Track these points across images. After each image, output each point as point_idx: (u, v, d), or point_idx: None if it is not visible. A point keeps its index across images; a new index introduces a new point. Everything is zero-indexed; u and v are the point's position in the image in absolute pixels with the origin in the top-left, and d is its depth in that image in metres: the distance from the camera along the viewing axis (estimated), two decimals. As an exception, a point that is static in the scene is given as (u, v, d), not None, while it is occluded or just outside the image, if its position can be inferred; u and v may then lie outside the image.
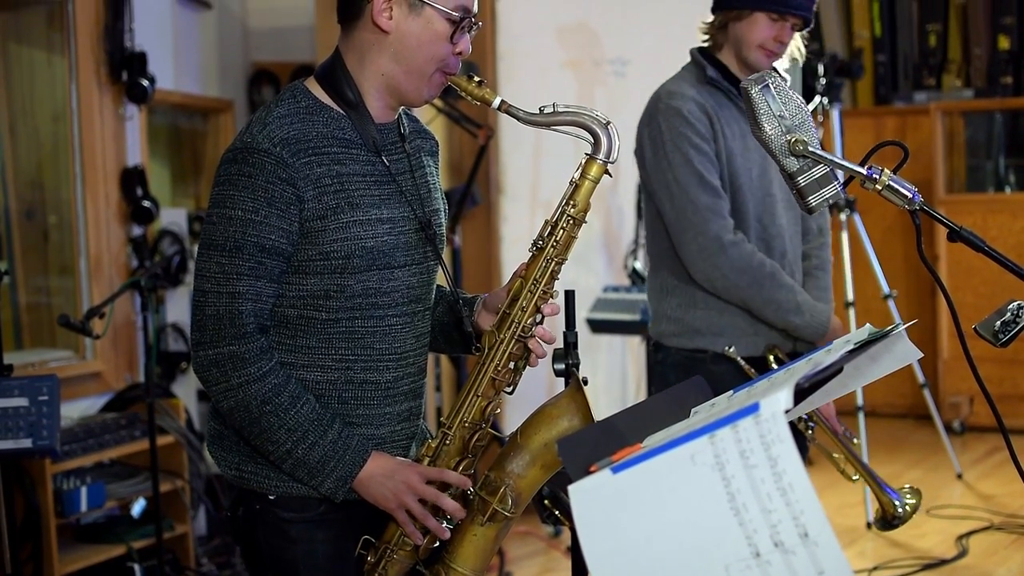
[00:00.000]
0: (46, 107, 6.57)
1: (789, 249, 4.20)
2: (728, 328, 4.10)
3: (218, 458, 2.99)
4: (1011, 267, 2.58)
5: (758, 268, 4.02)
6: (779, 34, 4.10)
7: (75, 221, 6.46)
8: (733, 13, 4.12)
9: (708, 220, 4.00)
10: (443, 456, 2.92)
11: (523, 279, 2.92)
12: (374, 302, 2.88)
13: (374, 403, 2.93)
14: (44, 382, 4.27)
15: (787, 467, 1.83)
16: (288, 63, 8.48)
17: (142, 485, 6.06)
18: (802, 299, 4.08)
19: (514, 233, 7.11)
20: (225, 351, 2.79)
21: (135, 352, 6.61)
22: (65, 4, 6.41)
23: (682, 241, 4.06)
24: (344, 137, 2.88)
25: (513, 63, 7.07)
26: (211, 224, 2.82)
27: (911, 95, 9.45)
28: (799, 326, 4.07)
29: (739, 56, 4.15)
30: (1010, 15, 9.13)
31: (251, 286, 2.79)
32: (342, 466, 2.84)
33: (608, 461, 1.94)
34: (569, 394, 2.86)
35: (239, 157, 2.79)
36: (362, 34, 2.89)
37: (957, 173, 9.38)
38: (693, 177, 4.01)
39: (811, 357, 2.29)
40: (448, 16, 2.84)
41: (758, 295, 4.04)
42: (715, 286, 4.06)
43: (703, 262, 4.03)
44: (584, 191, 2.92)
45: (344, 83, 2.90)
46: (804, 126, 2.59)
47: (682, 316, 4.15)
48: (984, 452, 8.29)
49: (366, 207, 2.85)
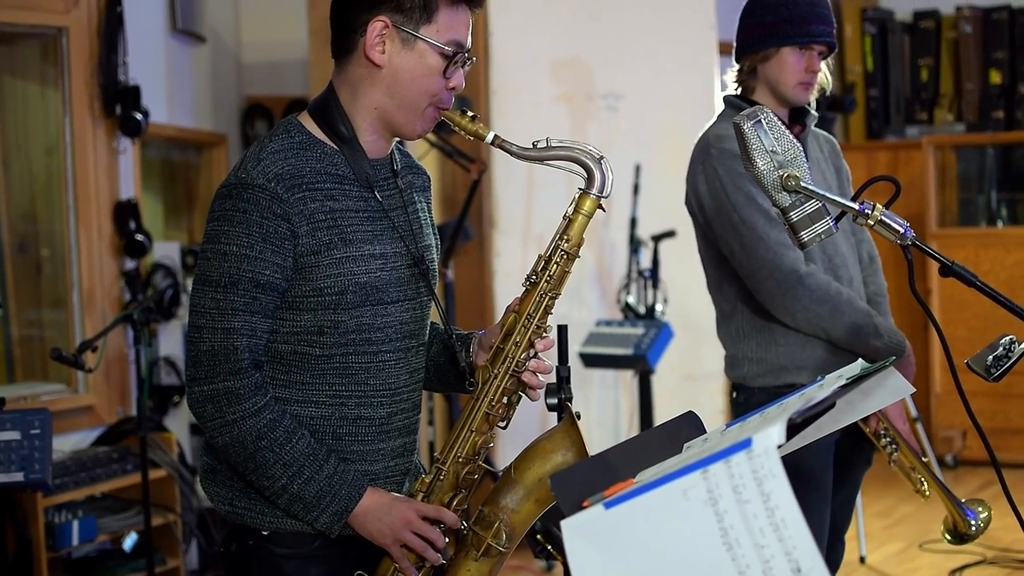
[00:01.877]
0: (39, 140, 6.58)
1: (855, 276, 4.20)
2: (811, 361, 4.07)
3: (211, 493, 2.97)
4: (1003, 302, 2.59)
5: (836, 296, 4.00)
6: (809, 64, 4.10)
7: (68, 254, 6.46)
8: (760, 55, 4.11)
9: (781, 255, 3.97)
10: (437, 491, 2.91)
11: (517, 314, 2.92)
12: (368, 338, 2.88)
13: (368, 439, 2.93)
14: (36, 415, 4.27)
15: (780, 502, 1.83)
16: (282, 97, 8.49)
17: (134, 519, 6.05)
18: (879, 322, 4.07)
19: (507, 267, 7.11)
20: (220, 387, 2.79)
21: (127, 386, 6.60)
22: (59, 37, 6.42)
23: (757, 279, 4.02)
24: (337, 173, 2.88)
25: (506, 97, 7.08)
26: (206, 260, 2.81)
27: (903, 129, 9.47)
28: (880, 348, 4.04)
29: (776, 95, 4.13)
30: (1001, 50, 9.16)
31: (246, 322, 2.78)
32: (338, 501, 2.83)
33: (601, 496, 1.93)
34: (563, 428, 2.86)
35: (233, 192, 2.79)
36: (355, 68, 2.89)
37: (949, 207, 9.40)
38: (759, 214, 3.98)
39: (803, 392, 2.29)
40: (441, 51, 2.85)
41: (840, 323, 4.01)
42: (796, 319, 4.03)
43: (782, 296, 4.00)
44: (577, 226, 2.92)
45: (337, 118, 2.90)
46: (796, 161, 2.60)
47: (764, 356, 4.11)
48: (977, 486, 8.28)
49: (359, 243, 2.85)
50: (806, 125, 4.20)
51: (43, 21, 6.37)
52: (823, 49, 4.12)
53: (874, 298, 4.29)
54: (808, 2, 4.10)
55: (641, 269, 7.16)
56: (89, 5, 6.46)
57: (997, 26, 9.17)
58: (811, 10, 4.09)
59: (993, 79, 9.18)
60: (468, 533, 2.88)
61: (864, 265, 4.31)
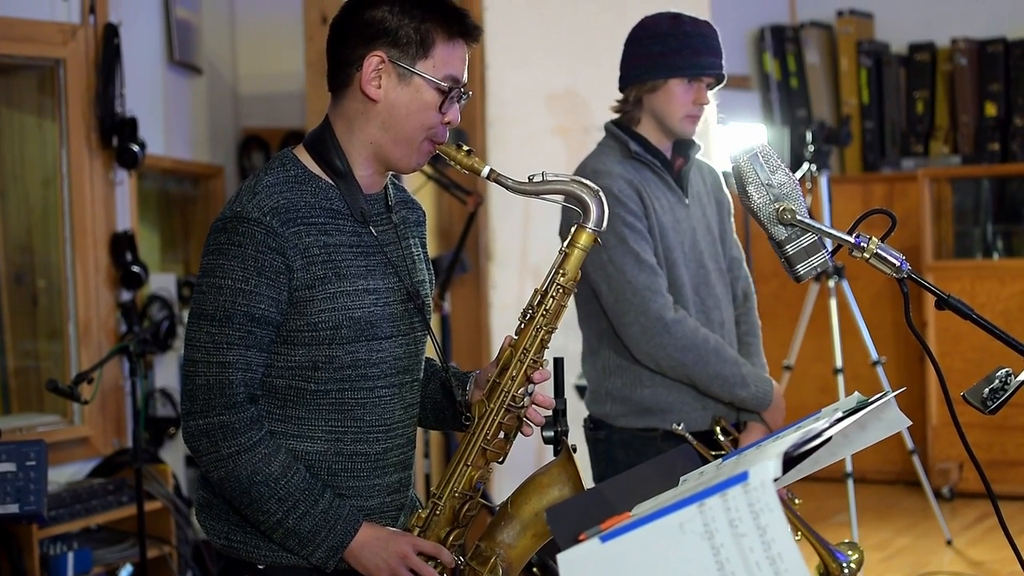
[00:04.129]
0: (36, 171, 6.59)
1: (727, 318, 4.18)
2: (676, 404, 4.06)
3: (207, 527, 2.97)
4: (998, 334, 2.59)
5: (703, 344, 3.99)
6: (697, 96, 4.07)
7: (64, 285, 6.46)
8: (647, 86, 4.08)
9: (648, 300, 3.96)
10: (433, 526, 2.91)
11: (513, 348, 2.92)
12: (363, 373, 2.88)
13: (364, 474, 2.93)
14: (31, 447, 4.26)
15: (776, 536, 1.82)
16: (278, 129, 8.51)
17: (129, 551, 6.03)
18: (747, 371, 4.06)
19: (503, 300, 7.11)
20: (215, 421, 2.79)
21: (123, 417, 6.59)
22: (56, 69, 6.43)
23: (623, 323, 4.01)
24: (332, 207, 2.88)
25: (503, 129, 7.09)
26: (201, 293, 2.82)
27: (899, 162, 9.48)
28: (745, 399, 4.05)
29: (662, 127, 4.11)
30: (997, 82, 9.18)
31: (241, 356, 2.79)
32: (333, 535, 2.83)
33: (597, 530, 1.93)
34: (560, 463, 2.86)
35: (229, 226, 2.80)
36: (351, 103, 2.90)
37: (945, 239, 9.41)
38: (629, 257, 3.97)
39: (800, 425, 2.29)
40: (437, 86, 2.86)
41: (704, 371, 4.00)
42: (660, 365, 4.02)
43: (647, 343, 3.99)
44: (574, 260, 2.93)
45: (333, 152, 2.91)
46: (792, 195, 2.61)
47: (629, 395, 4.09)
48: (974, 518, 8.27)
49: (353, 278, 2.85)
50: (689, 157, 4.18)
51: (40, 53, 6.39)
52: (711, 81, 4.10)
53: (744, 338, 4.27)
54: (698, 33, 4.07)
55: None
56: (87, 37, 6.48)
57: (992, 59, 9.19)
58: (701, 41, 4.06)
59: (989, 111, 9.19)
60: (465, 568, 2.88)
61: (738, 303, 4.29)
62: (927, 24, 9.57)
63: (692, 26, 4.06)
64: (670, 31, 4.05)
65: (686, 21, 4.07)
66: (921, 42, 9.50)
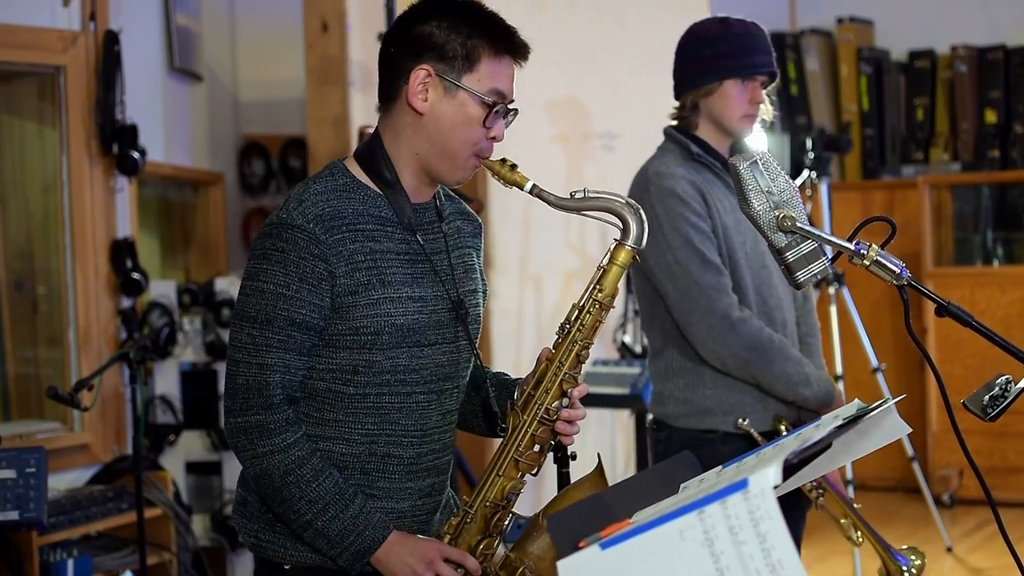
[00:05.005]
0: (36, 178, 6.59)
1: (788, 319, 4.18)
2: (737, 406, 4.05)
3: (239, 525, 3.04)
4: (998, 341, 2.59)
5: (767, 343, 4.00)
6: (753, 95, 4.09)
7: (64, 292, 6.46)
8: (702, 90, 4.10)
9: (714, 299, 3.97)
10: (464, 534, 2.94)
11: (549, 362, 2.94)
12: (402, 379, 2.92)
13: (396, 477, 2.96)
14: (31, 454, 4.27)
15: (776, 543, 1.82)
16: (278, 136, 8.51)
17: (129, 558, 6.03)
18: (809, 370, 4.06)
19: (504, 306, 7.11)
20: (252, 420, 2.84)
21: (123, 424, 6.59)
22: (57, 76, 6.44)
23: (689, 322, 4.02)
24: (380, 215, 2.92)
25: (503, 137, 7.09)
26: (244, 296, 2.88)
27: (899, 169, 9.49)
28: (808, 397, 4.04)
29: (720, 129, 4.13)
30: (996, 89, 9.19)
31: (280, 358, 2.84)
32: (361, 540, 2.86)
33: (597, 537, 1.93)
34: (592, 478, 2.88)
35: (274, 232, 2.85)
36: (399, 115, 2.94)
37: (945, 246, 9.41)
38: (695, 257, 3.98)
39: (800, 432, 2.29)
40: (482, 100, 2.89)
41: (769, 370, 4.01)
42: (726, 364, 4.02)
43: (713, 342, 3.99)
44: (612, 276, 2.95)
45: (381, 162, 2.95)
46: (792, 202, 2.61)
47: (691, 397, 4.09)
48: (974, 525, 8.27)
49: (397, 285, 2.89)
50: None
51: (41, 60, 6.39)
52: (765, 79, 4.12)
53: (804, 339, 4.28)
54: (747, 33, 4.09)
55: (637, 308, 7.16)
56: (87, 44, 6.48)
57: (992, 66, 9.20)
58: (751, 41, 4.09)
59: (988, 118, 9.20)
60: (493, 578, 2.90)
61: (798, 305, 4.30)
62: (927, 31, 9.58)
63: (741, 27, 4.10)
64: (720, 34, 4.08)
65: (734, 23, 4.10)
66: (921, 49, 9.51)
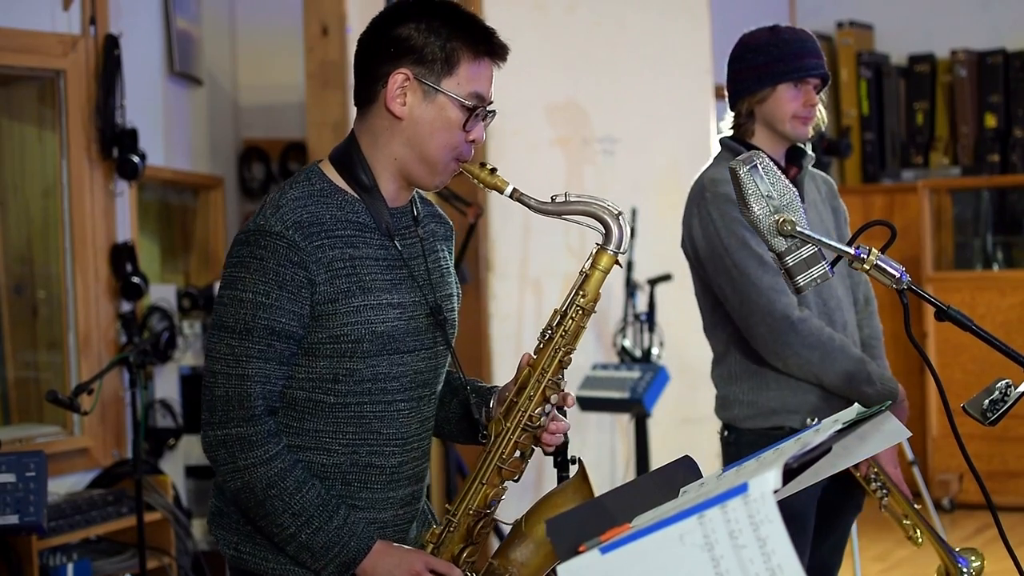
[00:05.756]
0: (36, 182, 6.59)
1: (849, 320, 4.19)
2: (802, 406, 4.07)
3: (218, 536, 2.98)
4: (998, 346, 2.59)
5: (828, 342, 4.00)
6: (806, 98, 4.11)
7: (64, 296, 6.46)
8: (756, 97, 4.12)
9: (773, 300, 3.98)
10: (447, 543, 2.92)
11: (531, 368, 2.92)
12: (383, 387, 2.89)
13: (378, 487, 2.93)
14: (31, 458, 4.27)
15: (776, 547, 1.82)
16: (278, 140, 8.51)
17: (129, 562, 6.03)
18: (872, 369, 4.07)
19: (504, 310, 7.11)
20: (233, 432, 2.80)
21: (123, 428, 6.59)
22: (57, 80, 6.44)
23: (750, 324, 4.03)
24: (357, 221, 2.88)
25: (502, 141, 7.10)
26: (222, 306, 2.82)
27: (899, 173, 9.49)
28: (871, 396, 4.03)
29: (775, 133, 4.14)
30: (996, 93, 9.19)
31: (260, 369, 2.79)
32: (345, 552, 2.83)
33: (597, 541, 1.93)
34: (574, 483, 2.87)
35: (251, 239, 2.80)
36: (376, 119, 2.90)
37: (945, 250, 9.42)
38: (752, 259, 3.99)
39: (799, 437, 2.29)
40: (461, 104, 2.86)
41: (831, 369, 4.02)
42: (788, 364, 4.03)
43: (774, 342, 4.00)
44: (594, 281, 2.91)
45: (358, 166, 2.91)
46: (792, 206, 2.61)
47: (755, 399, 4.11)
48: (974, 529, 8.26)
49: (377, 291, 2.85)
50: (803, 167, 4.21)
51: (41, 64, 6.39)
52: (817, 82, 4.14)
53: (868, 341, 4.29)
54: (797, 38, 4.12)
55: (637, 312, 7.16)
56: (87, 48, 6.48)
57: (992, 70, 9.21)
58: (801, 45, 4.11)
59: (988, 122, 9.20)
60: (477, 586, 2.88)
61: (859, 308, 4.31)
62: (927, 35, 9.58)
63: (790, 33, 4.13)
64: (770, 41, 4.10)
65: (783, 30, 4.14)
66: (921, 53, 9.52)
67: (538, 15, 7.26)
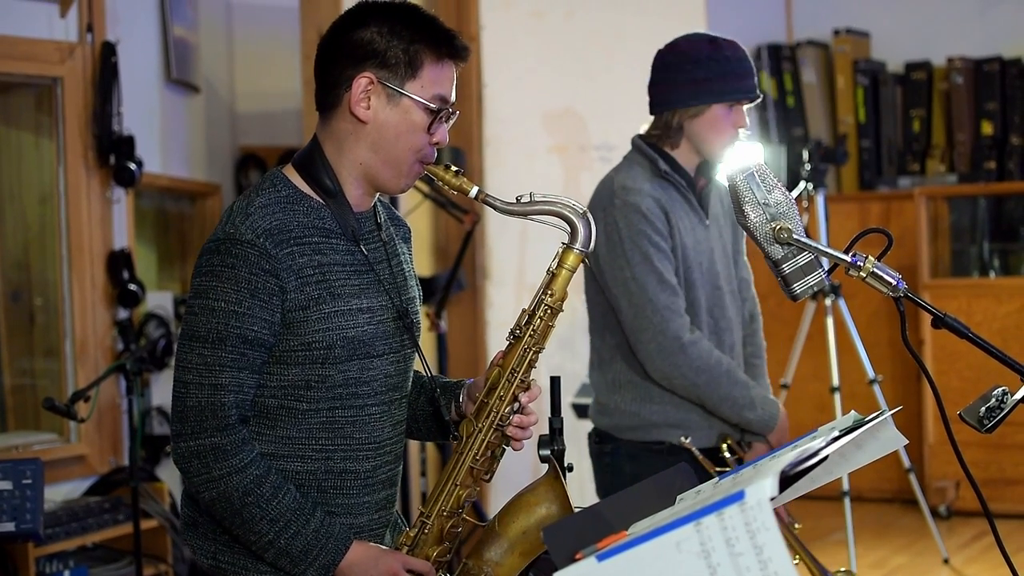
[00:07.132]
0: (33, 189, 6.59)
1: (736, 340, 4.23)
2: (684, 422, 4.09)
3: (194, 546, 2.97)
4: (995, 353, 2.59)
5: (715, 367, 4.03)
6: (737, 120, 4.09)
7: (61, 304, 6.46)
8: (690, 111, 4.09)
9: (667, 320, 4.00)
10: (421, 544, 2.92)
11: (501, 368, 2.93)
12: (354, 392, 2.89)
13: (353, 492, 2.93)
14: (28, 465, 4.26)
15: (773, 555, 1.83)
16: (276, 147, 8.51)
17: (126, 569, 6.03)
18: (755, 394, 4.10)
19: (500, 318, 7.11)
20: (207, 443, 2.79)
21: (120, 435, 6.58)
22: (54, 87, 6.44)
23: (640, 340, 4.05)
24: (324, 227, 2.88)
25: (500, 149, 7.10)
26: (193, 315, 2.81)
27: (895, 180, 9.49)
28: (752, 421, 4.09)
29: (699, 151, 4.12)
30: (993, 101, 9.19)
31: (234, 378, 2.79)
32: (325, 554, 2.83)
33: (593, 549, 1.93)
34: (547, 482, 2.87)
35: (222, 248, 2.79)
36: (340, 123, 2.91)
37: (942, 258, 9.41)
38: (652, 276, 4.00)
39: (796, 444, 2.30)
40: (425, 106, 2.86)
41: (715, 393, 4.04)
42: (673, 384, 4.05)
43: (662, 361, 4.02)
44: (561, 280, 2.93)
45: (323, 172, 2.91)
46: (788, 213, 2.61)
47: (638, 410, 4.12)
48: (971, 537, 8.26)
49: (347, 297, 2.86)
50: (711, 178, 4.20)
51: (38, 71, 6.39)
52: (749, 105, 4.13)
53: (750, 360, 4.31)
54: (737, 56, 4.10)
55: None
56: (84, 55, 6.49)
57: (988, 77, 9.21)
58: (740, 65, 4.09)
59: (985, 130, 9.20)
60: (452, 585, 2.89)
61: (745, 324, 4.33)
62: (923, 43, 9.58)
63: (731, 50, 4.09)
64: (711, 55, 4.06)
65: (724, 44, 4.10)
66: (917, 61, 9.52)
67: (535, 22, 7.27)
